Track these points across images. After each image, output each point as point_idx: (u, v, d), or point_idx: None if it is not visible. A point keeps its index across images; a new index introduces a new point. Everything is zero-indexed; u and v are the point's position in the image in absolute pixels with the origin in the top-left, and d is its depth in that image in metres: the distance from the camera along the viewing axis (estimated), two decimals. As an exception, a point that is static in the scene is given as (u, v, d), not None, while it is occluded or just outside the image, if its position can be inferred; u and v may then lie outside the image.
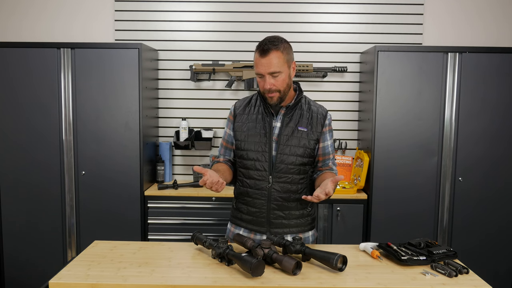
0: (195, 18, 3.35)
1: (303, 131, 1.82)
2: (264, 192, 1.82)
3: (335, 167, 1.90)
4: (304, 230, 1.88)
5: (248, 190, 1.85)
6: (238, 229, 1.91)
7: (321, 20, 3.34)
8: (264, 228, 1.84)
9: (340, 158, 3.32)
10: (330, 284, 1.46)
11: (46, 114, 2.97)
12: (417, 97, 2.94)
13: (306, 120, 1.83)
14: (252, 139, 1.83)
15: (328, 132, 1.88)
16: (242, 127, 1.86)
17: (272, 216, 1.83)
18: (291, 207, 1.84)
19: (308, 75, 3.30)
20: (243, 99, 1.96)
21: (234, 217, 1.94)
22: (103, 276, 1.50)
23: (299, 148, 1.80)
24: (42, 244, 3.04)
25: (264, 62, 1.71)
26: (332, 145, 1.90)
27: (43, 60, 2.95)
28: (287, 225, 1.84)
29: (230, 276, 1.51)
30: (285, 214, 1.83)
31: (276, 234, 1.82)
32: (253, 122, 1.85)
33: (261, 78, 1.75)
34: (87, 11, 3.37)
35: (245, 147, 1.84)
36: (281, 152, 1.79)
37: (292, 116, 1.83)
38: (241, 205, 1.90)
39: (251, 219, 1.86)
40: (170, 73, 3.39)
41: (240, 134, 1.86)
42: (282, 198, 1.82)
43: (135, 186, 2.99)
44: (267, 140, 1.81)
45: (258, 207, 1.84)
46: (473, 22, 3.35)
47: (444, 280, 1.51)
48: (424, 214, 2.99)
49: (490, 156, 2.95)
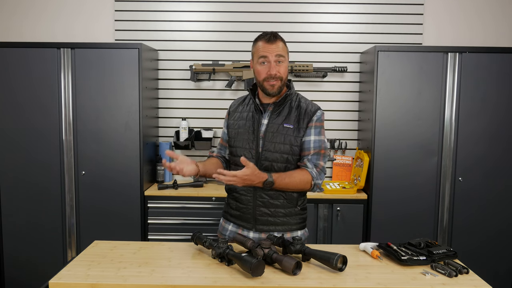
0: (195, 18, 3.35)
1: (289, 128, 1.81)
2: (250, 189, 1.83)
3: (310, 165, 1.80)
4: (292, 229, 1.86)
5: (236, 186, 1.87)
6: (228, 224, 1.94)
7: (321, 20, 3.34)
8: (250, 224, 1.86)
9: (340, 158, 3.33)
10: (330, 284, 1.46)
11: (46, 114, 2.97)
12: (417, 97, 2.94)
13: (294, 117, 1.83)
14: (241, 136, 1.87)
15: (314, 128, 1.82)
16: (234, 125, 1.91)
17: (257, 213, 1.84)
18: (277, 205, 1.83)
19: (308, 75, 3.30)
20: (239, 98, 2.02)
21: (225, 212, 1.98)
22: (103, 276, 1.50)
23: (284, 145, 1.80)
24: (42, 244, 3.04)
25: (271, 47, 1.76)
26: (316, 141, 1.81)
27: (43, 60, 2.95)
28: (273, 222, 1.84)
29: (230, 276, 1.51)
30: (271, 212, 1.83)
31: (262, 231, 1.83)
32: (243, 120, 1.89)
33: (264, 65, 1.78)
34: (87, 11, 3.37)
35: (235, 144, 1.89)
36: (265, 149, 1.81)
37: (280, 113, 1.84)
38: (231, 200, 1.94)
39: (239, 214, 1.89)
40: (170, 73, 3.39)
41: (231, 131, 1.92)
42: (268, 195, 1.82)
43: (135, 186, 2.99)
44: (254, 137, 1.83)
45: (245, 203, 1.86)
46: (473, 22, 3.35)
47: (444, 280, 1.51)
48: (424, 214, 2.99)
49: (490, 156, 2.96)
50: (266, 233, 1.83)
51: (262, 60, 1.78)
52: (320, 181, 1.83)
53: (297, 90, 3.27)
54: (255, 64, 1.82)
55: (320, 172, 1.83)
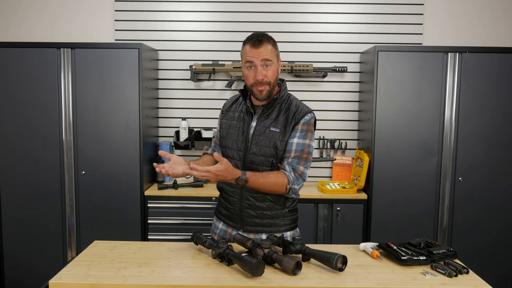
0: (195, 18, 3.35)
1: (275, 131, 1.77)
2: (237, 191, 1.83)
3: (289, 168, 1.74)
4: (281, 231, 1.83)
5: (224, 187, 1.89)
6: (219, 222, 1.95)
7: (321, 20, 3.34)
8: (238, 224, 1.86)
9: (340, 158, 3.33)
10: (330, 284, 1.46)
11: (46, 114, 2.97)
12: (417, 97, 2.94)
13: (282, 120, 1.78)
14: (231, 137, 1.86)
15: (300, 131, 1.76)
16: (226, 124, 1.91)
17: (244, 214, 1.83)
18: (263, 207, 1.80)
19: (308, 75, 3.30)
20: (233, 97, 2.00)
21: (217, 210, 1.99)
22: (103, 276, 1.50)
23: (269, 149, 1.76)
24: (42, 244, 3.04)
25: (257, 52, 1.71)
26: (298, 144, 1.75)
27: (43, 60, 2.95)
28: (259, 224, 1.83)
29: (230, 276, 1.51)
30: (257, 214, 1.81)
31: (250, 231, 1.84)
32: (235, 120, 1.88)
33: (251, 70, 1.74)
34: (87, 11, 3.37)
35: (225, 144, 1.89)
36: (251, 152, 1.79)
37: (268, 116, 1.81)
38: (221, 199, 1.94)
39: (228, 214, 1.89)
40: (170, 73, 3.39)
41: (223, 131, 1.91)
42: (254, 198, 1.80)
43: (135, 186, 2.99)
44: (243, 139, 1.82)
45: (233, 204, 1.86)
46: (473, 22, 3.35)
47: (444, 280, 1.51)
48: (424, 214, 2.99)
49: (490, 156, 2.95)
50: (255, 233, 1.84)
51: (249, 65, 1.73)
52: (297, 186, 1.76)
53: (297, 90, 3.33)
54: (243, 68, 1.78)
55: (299, 177, 1.76)
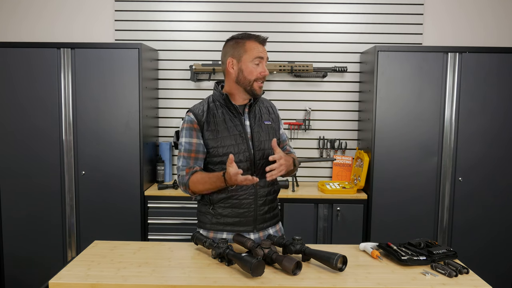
0: (195, 18, 3.35)
1: (268, 124, 1.90)
2: (251, 191, 1.82)
3: (292, 150, 2.06)
4: (277, 221, 1.97)
5: (233, 194, 1.81)
6: (221, 233, 1.85)
7: (321, 20, 3.34)
8: (250, 226, 1.84)
9: (340, 158, 3.33)
10: (330, 284, 1.46)
11: (46, 114, 2.97)
12: (417, 97, 2.94)
13: (267, 114, 1.93)
14: (228, 142, 1.79)
15: (281, 122, 2.04)
16: (214, 134, 1.80)
17: (259, 213, 1.85)
18: (271, 199, 1.91)
19: (308, 75, 3.30)
20: (198, 106, 1.86)
21: (215, 224, 1.85)
22: (103, 276, 1.50)
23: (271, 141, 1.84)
24: (42, 244, 3.04)
25: (263, 49, 1.82)
26: (284, 133, 2.05)
27: (43, 60, 2.95)
28: (269, 218, 1.89)
29: (230, 276, 1.51)
30: (268, 208, 1.88)
31: (260, 229, 1.86)
32: (223, 126, 1.81)
33: (258, 66, 1.80)
34: (87, 11, 3.37)
35: (224, 152, 1.79)
36: (258, 149, 1.83)
37: (256, 113, 1.89)
38: (223, 209, 1.83)
39: (238, 220, 1.82)
40: (170, 73, 3.39)
41: (213, 141, 1.80)
42: (266, 192, 1.87)
43: (135, 186, 2.99)
44: (243, 140, 1.81)
45: (246, 207, 1.82)
46: (473, 22, 3.35)
47: (444, 280, 1.51)
48: (424, 214, 2.99)
49: (490, 156, 2.95)
50: (263, 230, 1.87)
51: (258, 60, 1.79)
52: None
53: (298, 90, 3.35)
54: (247, 63, 1.77)
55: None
